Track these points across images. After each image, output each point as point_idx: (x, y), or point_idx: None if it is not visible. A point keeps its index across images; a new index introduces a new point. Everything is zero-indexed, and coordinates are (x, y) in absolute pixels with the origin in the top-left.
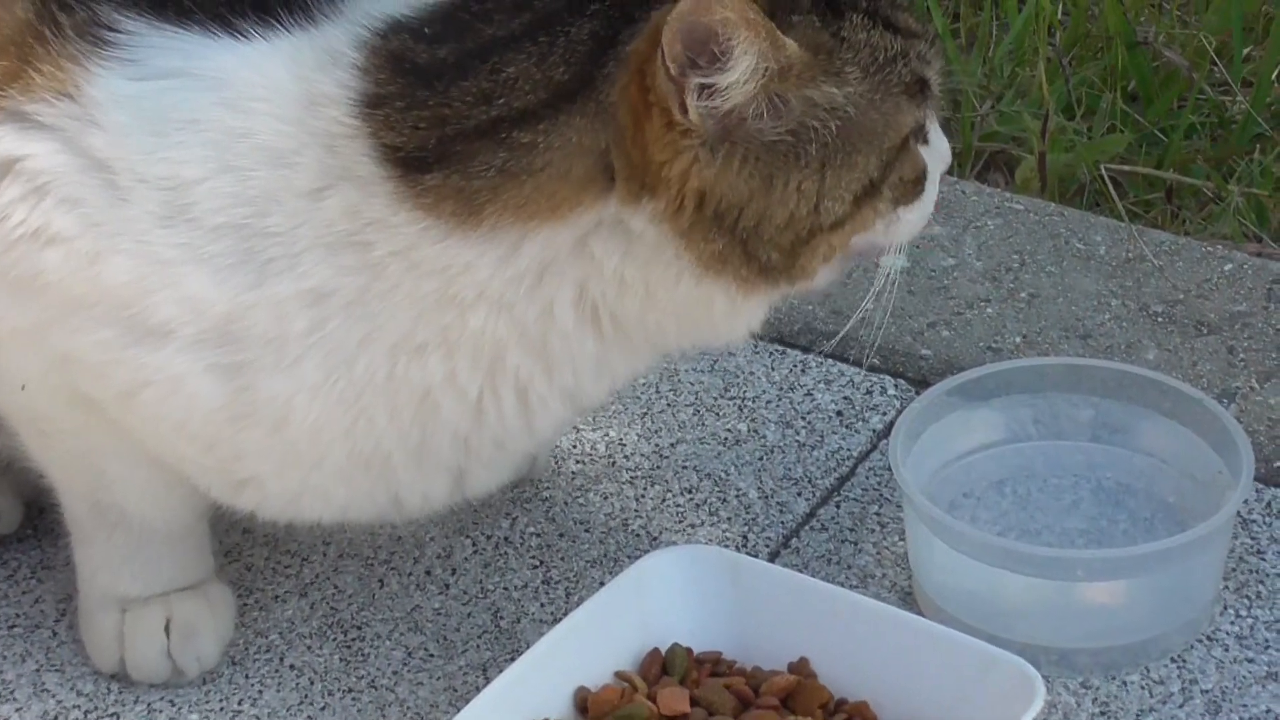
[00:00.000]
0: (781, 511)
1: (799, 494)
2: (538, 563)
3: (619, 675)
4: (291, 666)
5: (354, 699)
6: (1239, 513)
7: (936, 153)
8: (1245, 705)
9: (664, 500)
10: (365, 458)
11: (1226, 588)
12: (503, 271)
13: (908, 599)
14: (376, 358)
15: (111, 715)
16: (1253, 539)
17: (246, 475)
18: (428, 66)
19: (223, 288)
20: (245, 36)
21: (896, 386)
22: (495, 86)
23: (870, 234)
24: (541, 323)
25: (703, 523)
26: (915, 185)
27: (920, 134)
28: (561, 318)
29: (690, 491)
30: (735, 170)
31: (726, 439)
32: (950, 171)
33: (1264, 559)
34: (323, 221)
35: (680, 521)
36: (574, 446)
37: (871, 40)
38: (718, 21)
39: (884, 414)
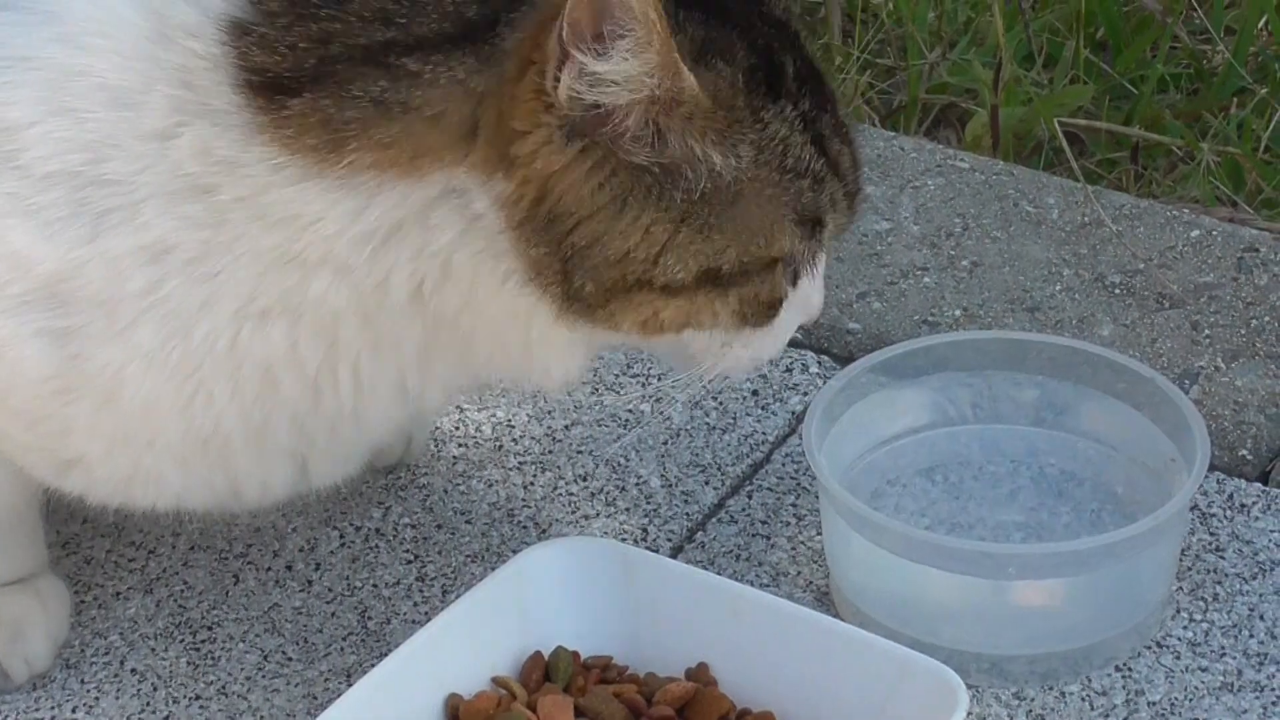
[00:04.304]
0: (686, 502)
1: (706, 482)
2: (412, 557)
3: (496, 681)
4: (133, 670)
5: (202, 707)
6: (1198, 506)
7: (802, 300)
8: (1196, 718)
9: (555, 488)
10: (203, 439)
11: (1179, 589)
12: (350, 228)
13: (824, 600)
14: (218, 324)
15: None
16: (1211, 535)
17: (73, 455)
18: None
19: (52, 243)
20: None
21: (820, 364)
22: (400, 6)
23: (696, 334)
24: (377, 295)
25: (598, 514)
26: (765, 312)
27: (792, 268)
28: (395, 293)
29: (585, 479)
30: (585, 174)
31: (627, 421)
32: (893, 126)
33: (1223, 557)
34: (169, 166)
35: (573, 512)
36: (456, 428)
37: (788, 140)
38: (617, 3)
39: (804, 394)
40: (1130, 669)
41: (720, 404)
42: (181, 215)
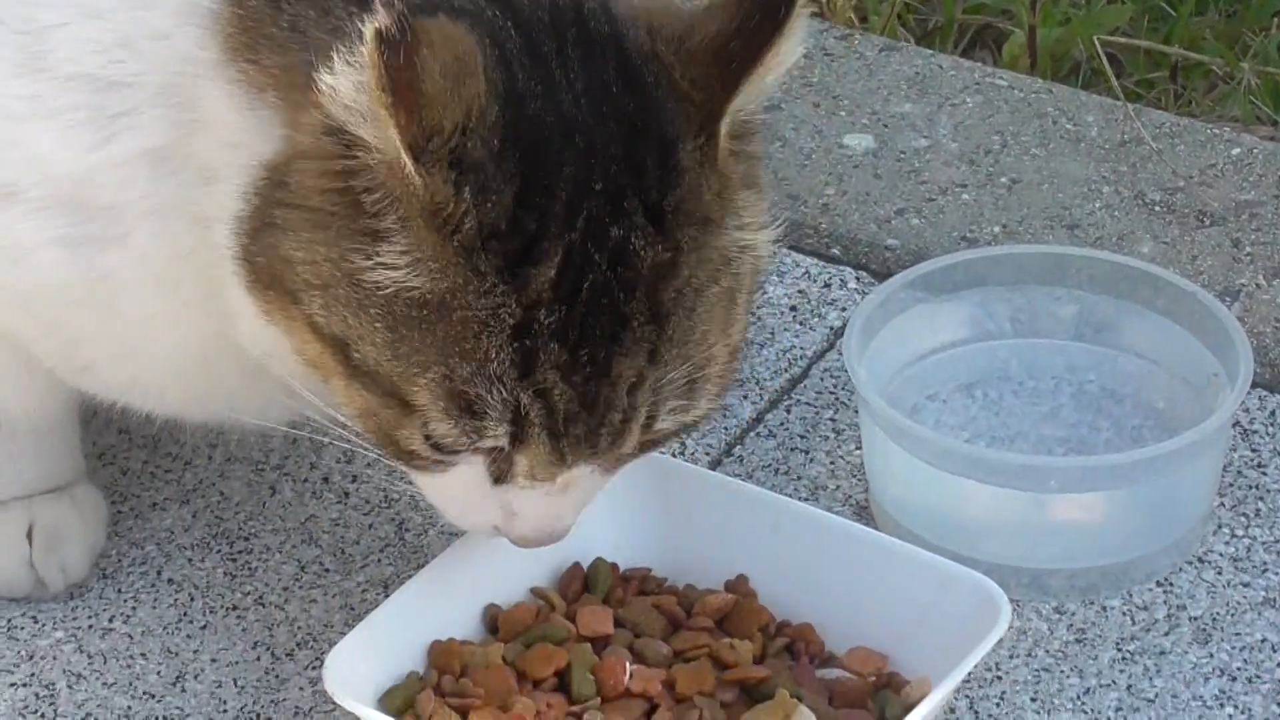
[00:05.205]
0: (724, 416)
1: (744, 396)
2: None
3: (534, 592)
4: (170, 580)
5: (239, 617)
6: (1239, 421)
7: (500, 505)
8: (1239, 634)
9: None
10: (195, 356)
11: (1221, 504)
12: (224, 135)
13: (863, 513)
14: (188, 235)
15: None
16: (1253, 450)
17: (84, 362)
18: None
19: (70, 147)
20: None
21: (858, 279)
22: None
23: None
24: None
25: None
26: (395, 448)
27: (434, 442)
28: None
29: None
30: (319, 172)
31: None
32: (930, 45)
33: (1264, 473)
34: (165, 66)
35: None
36: None
37: (487, 322)
38: (360, 33)
39: (843, 309)
40: (1171, 584)
41: (758, 319)
42: (171, 119)
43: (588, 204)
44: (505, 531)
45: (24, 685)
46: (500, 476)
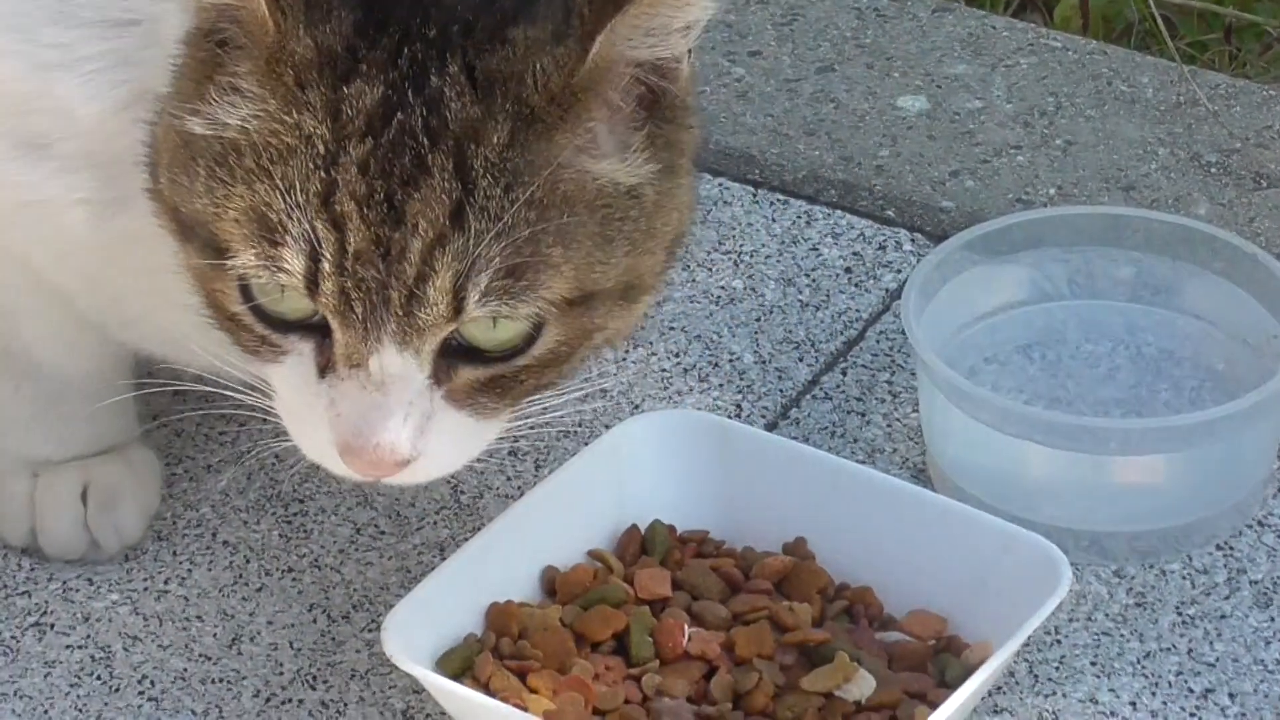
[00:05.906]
0: (780, 378)
1: (800, 359)
2: (503, 432)
3: (592, 554)
4: (225, 543)
5: (294, 579)
6: None
7: (325, 405)
8: None
9: (648, 365)
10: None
11: None
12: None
13: (921, 476)
14: None
15: (22, 594)
16: None
17: (126, 317)
18: None
19: (93, 99)
20: None
21: (914, 241)
22: None
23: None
24: None
25: (691, 390)
26: (220, 316)
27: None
28: None
29: (677, 355)
30: (198, 35)
31: (720, 297)
32: (981, 5)
33: None
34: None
35: (666, 388)
36: None
37: (309, 137)
38: None
39: (898, 271)
40: (1232, 547)
41: (813, 281)
42: (157, 56)
43: (415, 47)
44: (334, 438)
45: (80, 647)
46: (324, 367)
